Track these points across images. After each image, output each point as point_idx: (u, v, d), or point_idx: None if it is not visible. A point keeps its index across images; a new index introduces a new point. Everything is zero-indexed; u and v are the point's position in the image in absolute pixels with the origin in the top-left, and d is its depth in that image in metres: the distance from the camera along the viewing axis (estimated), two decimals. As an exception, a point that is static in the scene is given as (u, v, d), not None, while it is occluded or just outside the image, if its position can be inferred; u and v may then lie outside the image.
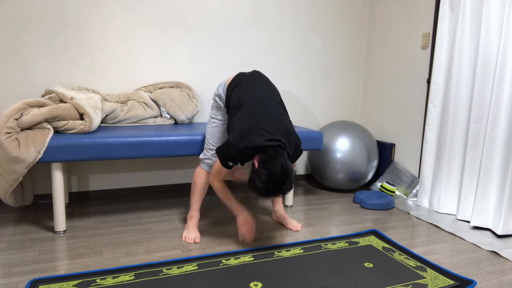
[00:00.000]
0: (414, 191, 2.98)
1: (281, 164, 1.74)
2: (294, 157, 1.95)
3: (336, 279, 1.72)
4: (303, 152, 3.44)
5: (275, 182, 1.74)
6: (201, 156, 2.19)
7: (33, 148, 1.98)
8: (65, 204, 2.64)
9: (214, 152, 2.14)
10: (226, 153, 1.86)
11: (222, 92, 2.11)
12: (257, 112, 1.87)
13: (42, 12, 2.50)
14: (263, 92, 1.99)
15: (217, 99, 2.14)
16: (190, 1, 2.86)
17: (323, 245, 2.08)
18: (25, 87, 2.53)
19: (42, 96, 2.40)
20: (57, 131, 2.18)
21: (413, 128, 3.05)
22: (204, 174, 2.17)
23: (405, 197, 3.01)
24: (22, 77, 2.52)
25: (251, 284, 1.66)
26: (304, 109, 3.39)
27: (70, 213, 2.49)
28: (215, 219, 2.45)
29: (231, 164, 1.88)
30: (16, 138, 2.01)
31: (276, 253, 1.97)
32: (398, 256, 1.97)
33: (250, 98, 1.93)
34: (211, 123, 2.16)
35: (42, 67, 2.56)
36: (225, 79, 3.02)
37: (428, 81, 2.89)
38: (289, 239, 2.16)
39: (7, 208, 2.55)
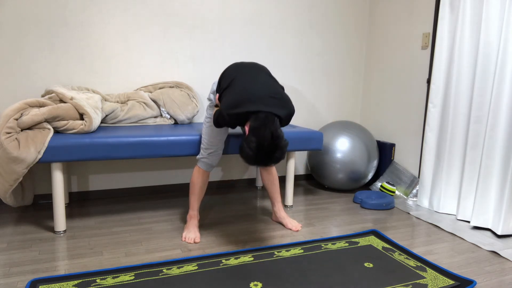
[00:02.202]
0: (414, 191, 2.98)
1: (271, 132, 1.70)
2: (284, 123, 1.92)
3: (336, 279, 1.72)
4: (303, 152, 3.44)
5: (265, 151, 1.69)
6: (198, 156, 2.19)
7: (33, 148, 1.98)
8: (65, 204, 2.64)
9: (211, 151, 2.14)
10: (218, 118, 1.90)
11: (216, 87, 2.13)
12: (248, 83, 1.87)
13: (42, 12, 2.50)
14: (255, 69, 2.00)
15: (211, 96, 2.14)
16: (190, 1, 2.86)
17: (323, 245, 2.08)
18: (25, 87, 2.53)
19: (42, 96, 2.40)
20: (57, 131, 2.18)
21: (413, 128, 3.05)
22: (202, 173, 2.17)
23: (405, 197, 3.01)
24: (22, 77, 2.52)
25: (251, 284, 1.66)
26: (304, 109, 3.39)
27: (70, 213, 2.48)
28: (215, 219, 2.45)
29: (223, 125, 1.95)
30: (16, 138, 2.01)
31: (276, 253, 1.97)
32: (398, 256, 1.97)
33: (241, 75, 1.94)
34: (206, 123, 2.16)
35: (42, 67, 2.56)
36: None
37: (428, 81, 2.89)
38: (289, 239, 2.16)
39: (7, 208, 2.55)
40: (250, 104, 1.79)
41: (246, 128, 1.80)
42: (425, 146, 2.78)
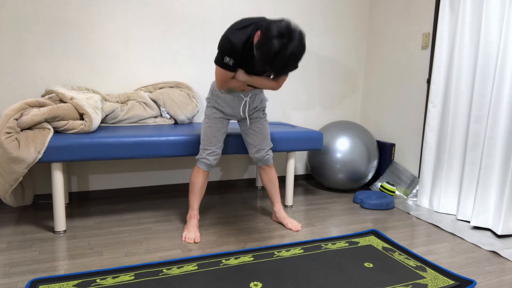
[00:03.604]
0: (414, 191, 2.98)
1: (284, 24, 1.65)
2: None
3: (336, 279, 1.72)
4: (303, 152, 3.44)
5: (282, 33, 1.61)
6: (197, 156, 2.19)
7: (33, 148, 1.98)
8: (65, 204, 2.64)
9: (210, 151, 2.14)
10: (220, 49, 1.81)
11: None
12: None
13: (42, 12, 2.50)
14: None
15: (210, 95, 2.14)
16: (190, 1, 2.86)
17: (323, 245, 2.08)
18: (25, 87, 2.53)
19: (42, 96, 2.40)
20: (57, 131, 2.18)
21: (413, 128, 3.05)
22: (201, 173, 2.17)
23: (405, 197, 3.01)
24: (22, 77, 2.52)
25: (251, 284, 1.66)
26: (304, 109, 3.39)
27: (70, 213, 2.49)
28: (215, 219, 2.45)
29: (228, 59, 1.81)
30: (16, 138, 2.01)
31: (276, 253, 1.97)
32: (398, 256, 1.97)
33: None
34: (205, 123, 2.16)
35: (42, 67, 2.56)
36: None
37: (428, 81, 2.89)
38: (289, 239, 2.16)
39: (7, 208, 2.55)
40: (254, 19, 1.79)
41: (256, 39, 1.73)
42: (425, 146, 2.78)
